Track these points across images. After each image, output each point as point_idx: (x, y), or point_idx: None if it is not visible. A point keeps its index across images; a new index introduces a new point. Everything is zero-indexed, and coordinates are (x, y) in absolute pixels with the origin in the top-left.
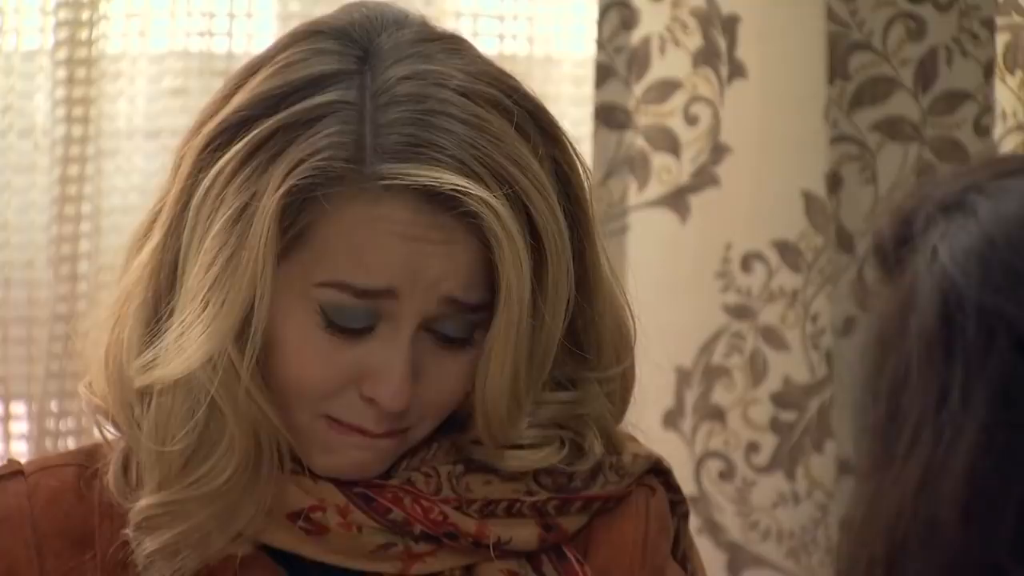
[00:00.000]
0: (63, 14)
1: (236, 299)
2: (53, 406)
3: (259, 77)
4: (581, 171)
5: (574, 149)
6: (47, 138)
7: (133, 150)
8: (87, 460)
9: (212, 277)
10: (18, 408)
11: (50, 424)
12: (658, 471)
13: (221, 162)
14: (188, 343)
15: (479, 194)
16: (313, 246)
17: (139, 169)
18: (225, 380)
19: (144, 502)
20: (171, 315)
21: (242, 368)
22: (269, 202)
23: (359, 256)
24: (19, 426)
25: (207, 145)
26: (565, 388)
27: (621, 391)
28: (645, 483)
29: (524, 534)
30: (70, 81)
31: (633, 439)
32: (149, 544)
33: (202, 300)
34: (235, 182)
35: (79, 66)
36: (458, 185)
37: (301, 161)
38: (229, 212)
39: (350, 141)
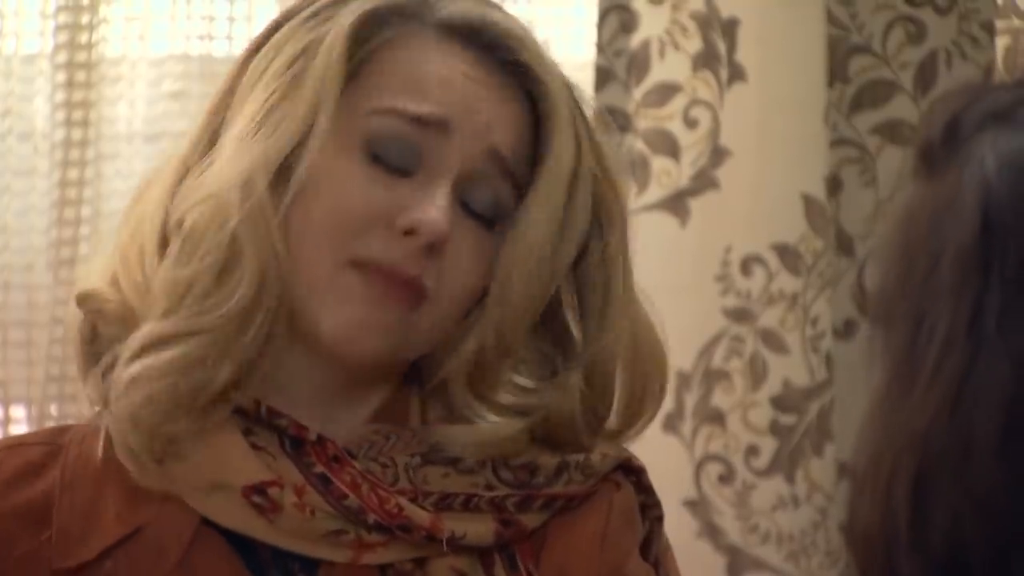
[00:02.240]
0: (63, 18)
1: (297, 114)
2: (52, 409)
3: None
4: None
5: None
6: (47, 141)
7: (133, 154)
8: (56, 438)
9: (271, 103)
10: (17, 412)
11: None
12: (628, 470)
13: (284, 29)
14: (237, 160)
15: (537, 49)
16: (373, 74)
17: (139, 173)
18: (256, 209)
19: (144, 330)
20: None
21: (277, 202)
22: (342, 26)
23: (419, 83)
24: (19, 429)
25: (267, 32)
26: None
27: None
28: (611, 479)
29: (480, 529)
30: (70, 85)
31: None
32: (135, 368)
33: (256, 124)
34: (298, 34)
35: (79, 70)
36: (519, 32)
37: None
38: (291, 52)
39: None
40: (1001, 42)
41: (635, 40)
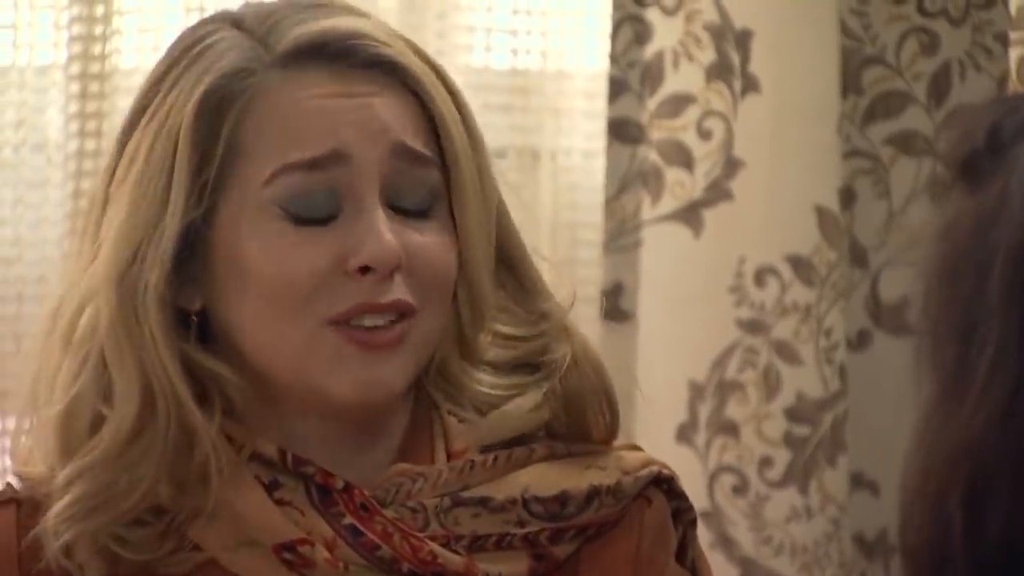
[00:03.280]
0: (76, 29)
1: (152, 214)
2: None
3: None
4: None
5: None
6: (60, 152)
7: None
8: None
9: (126, 208)
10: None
11: None
12: (658, 480)
13: (137, 132)
14: (94, 273)
15: (383, 36)
16: (246, 154)
17: None
18: (126, 320)
19: (56, 479)
20: None
21: (151, 303)
22: (179, 118)
23: (296, 132)
24: None
25: (116, 145)
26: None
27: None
28: (642, 495)
29: (514, 568)
30: (83, 95)
31: (635, 447)
32: (51, 513)
33: (110, 231)
34: (143, 133)
35: (92, 80)
36: (359, 28)
37: (204, 72)
38: (140, 156)
39: (246, 47)
40: (1015, 53)
41: (649, 51)
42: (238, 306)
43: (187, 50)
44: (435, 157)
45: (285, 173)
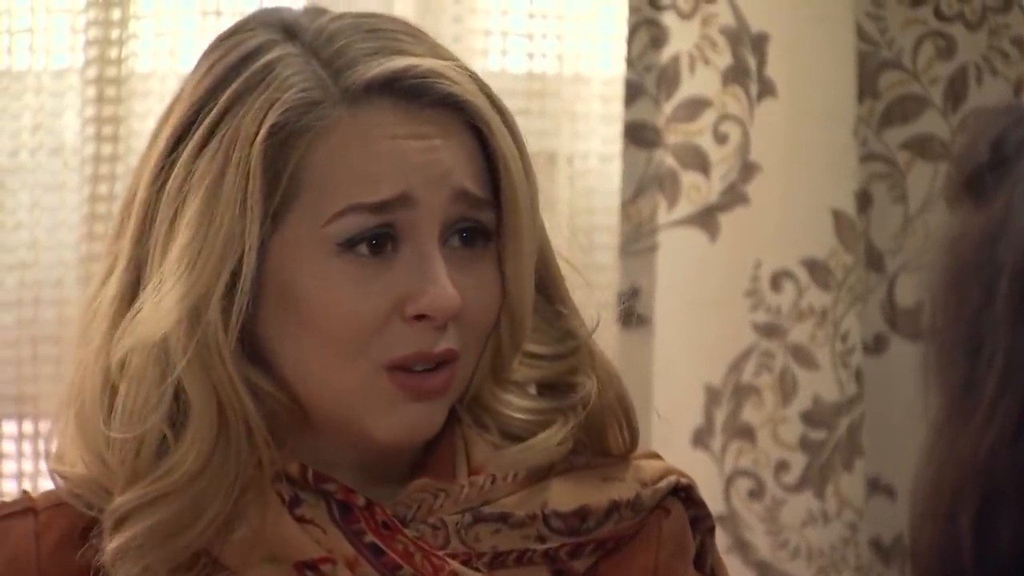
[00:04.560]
0: (93, 33)
1: (227, 246)
2: None
3: (193, 81)
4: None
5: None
6: (77, 156)
7: None
8: (98, 501)
9: (197, 239)
10: (48, 427)
11: None
12: (677, 489)
13: (185, 154)
14: (163, 304)
15: (455, 75)
16: (310, 188)
17: None
18: (200, 350)
19: (113, 504)
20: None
21: (221, 334)
22: (249, 150)
23: (365, 173)
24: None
25: (164, 155)
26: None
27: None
28: (660, 505)
29: None
30: (100, 100)
31: (655, 455)
32: (116, 542)
33: (180, 261)
34: (203, 158)
35: (109, 85)
36: (434, 67)
37: (271, 103)
38: (206, 183)
39: (310, 74)
40: None
41: (665, 55)
42: (289, 336)
43: (243, 63)
44: (491, 198)
45: (351, 213)
